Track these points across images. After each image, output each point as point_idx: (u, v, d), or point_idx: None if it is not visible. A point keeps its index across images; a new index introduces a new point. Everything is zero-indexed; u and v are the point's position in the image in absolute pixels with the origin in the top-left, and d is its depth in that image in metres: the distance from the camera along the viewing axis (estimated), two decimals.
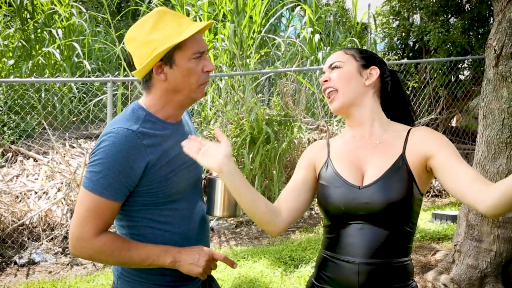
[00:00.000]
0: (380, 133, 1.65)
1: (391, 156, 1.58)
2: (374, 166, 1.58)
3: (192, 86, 1.62)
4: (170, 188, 1.63)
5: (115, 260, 1.60)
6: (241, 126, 5.90)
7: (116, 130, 1.54)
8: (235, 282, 3.99)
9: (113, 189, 1.53)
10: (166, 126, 1.65)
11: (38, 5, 8.86)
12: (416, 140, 1.58)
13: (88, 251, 1.57)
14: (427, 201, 6.70)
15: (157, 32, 1.56)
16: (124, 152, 1.52)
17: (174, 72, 1.59)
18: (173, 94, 1.63)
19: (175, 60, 1.57)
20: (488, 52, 3.43)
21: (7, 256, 4.56)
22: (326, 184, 1.62)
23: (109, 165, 1.51)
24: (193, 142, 1.55)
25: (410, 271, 1.58)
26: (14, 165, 6.20)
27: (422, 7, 7.72)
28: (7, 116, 6.79)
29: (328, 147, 1.72)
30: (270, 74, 7.29)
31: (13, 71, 8.14)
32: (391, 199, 1.51)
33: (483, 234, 3.57)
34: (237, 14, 7.45)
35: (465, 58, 7.51)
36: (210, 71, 1.65)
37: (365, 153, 1.62)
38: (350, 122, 1.70)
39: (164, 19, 1.58)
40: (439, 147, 1.53)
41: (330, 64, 1.69)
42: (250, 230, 5.53)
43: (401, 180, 1.52)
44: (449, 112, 7.91)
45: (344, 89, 1.64)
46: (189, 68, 1.59)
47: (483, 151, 3.51)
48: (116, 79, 5.41)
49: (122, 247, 1.57)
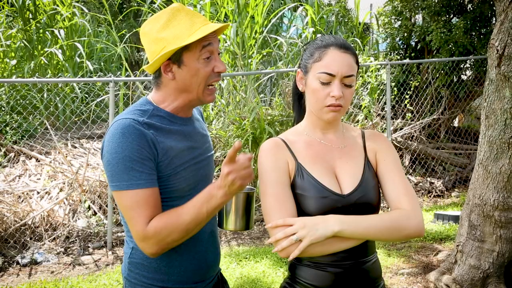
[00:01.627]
0: (341, 137, 1.66)
1: (357, 159, 1.61)
2: (347, 172, 1.58)
3: (200, 86, 1.58)
4: (179, 183, 1.58)
5: (178, 234, 1.49)
6: (243, 126, 5.90)
7: (122, 121, 1.50)
8: (237, 282, 3.99)
9: (142, 179, 1.47)
10: (174, 120, 1.62)
11: (40, 6, 8.88)
12: (371, 144, 1.65)
13: (154, 244, 1.49)
14: (429, 202, 6.69)
15: (168, 30, 1.54)
16: (135, 139, 1.48)
17: (182, 72, 1.56)
18: (182, 93, 1.61)
19: (183, 60, 1.55)
20: (491, 52, 3.42)
21: (10, 256, 4.57)
22: (307, 194, 1.52)
23: (127, 157, 1.47)
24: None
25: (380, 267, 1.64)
26: (17, 165, 6.21)
27: (424, 7, 7.72)
28: (9, 116, 6.80)
29: (288, 147, 1.61)
30: (272, 74, 7.29)
31: (16, 71, 8.16)
32: (373, 203, 1.55)
33: (486, 234, 3.56)
34: (239, 14, 7.45)
35: (467, 58, 7.50)
36: (221, 72, 1.61)
37: (333, 157, 1.61)
38: (328, 127, 1.63)
39: (177, 17, 1.55)
40: (386, 155, 1.63)
41: (347, 75, 1.54)
42: (252, 230, 5.53)
43: (374, 183, 1.58)
44: (451, 112, 7.90)
45: (347, 108, 1.60)
46: (197, 68, 1.55)
47: (486, 152, 3.50)
48: (118, 79, 5.41)
49: (172, 219, 1.48)
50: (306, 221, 1.44)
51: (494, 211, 3.47)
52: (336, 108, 1.54)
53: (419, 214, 1.51)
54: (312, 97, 1.58)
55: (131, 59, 10.30)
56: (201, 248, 1.67)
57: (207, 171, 1.72)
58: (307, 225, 1.43)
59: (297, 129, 1.69)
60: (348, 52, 1.55)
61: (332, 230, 1.42)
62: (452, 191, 7.07)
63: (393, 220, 1.47)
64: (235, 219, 1.63)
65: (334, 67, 1.52)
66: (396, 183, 1.57)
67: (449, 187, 7.15)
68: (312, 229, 1.42)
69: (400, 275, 4.11)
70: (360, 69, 7.51)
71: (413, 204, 1.51)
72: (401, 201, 1.53)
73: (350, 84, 1.55)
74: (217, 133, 6.02)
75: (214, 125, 6.29)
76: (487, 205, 3.49)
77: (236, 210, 1.62)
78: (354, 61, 1.56)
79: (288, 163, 1.57)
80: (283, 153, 1.59)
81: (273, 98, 7.13)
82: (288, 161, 1.58)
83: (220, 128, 6.17)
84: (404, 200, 1.52)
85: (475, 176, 3.62)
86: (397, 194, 1.54)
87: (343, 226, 1.43)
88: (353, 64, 1.55)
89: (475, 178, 3.62)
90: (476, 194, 3.58)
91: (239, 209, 1.62)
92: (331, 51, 1.55)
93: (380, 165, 1.62)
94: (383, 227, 1.46)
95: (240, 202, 1.62)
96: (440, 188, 7.03)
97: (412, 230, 1.48)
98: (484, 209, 3.52)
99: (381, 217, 1.48)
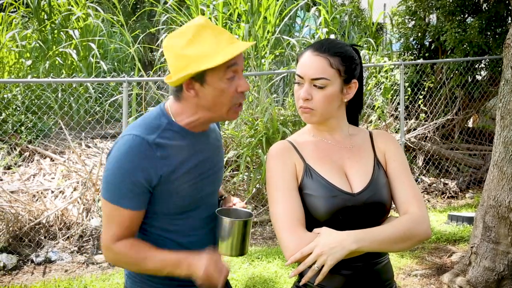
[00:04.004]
0: (349, 137, 1.65)
1: (367, 159, 1.61)
2: (357, 170, 1.58)
3: (224, 107, 1.53)
4: (183, 200, 1.59)
5: (134, 267, 1.60)
6: (255, 127, 5.90)
7: (132, 138, 1.50)
8: (249, 282, 3.99)
9: (127, 199, 1.51)
10: (187, 135, 1.58)
11: (55, 6, 8.96)
12: (380, 144, 1.65)
13: (111, 257, 1.60)
14: (443, 203, 6.64)
15: (192, 48, 1.47)
16: (136, 162, 1.49)
17: (205, 90, 1.50)
18: (203, 110, 1.55)
19: (206, 79, 1.49)
20: (506, 52, 3.39)
21: (24, 254, 4.61)
22: (316, 194, 1.52)
23: (122, 176, 1.50)
24: None
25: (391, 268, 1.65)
26: (31, 165, 6.27)
27: (439, 6, 7.65)
28: (24, 116, 6.88)
29: (297, 149, 1.61)
30: (284, 74, 7.28)
31: (31, 71, 8.24)
32: (384, 202, 1.55)
33: (500, 236, 3.53)
34: (252, 15, 7.45)
35: (482, 58, 7.42)
36: (245, 92, 1.55)
37: (342, 157, 1.60)
38: (321, 127, 1.63)
39: (202, 34, 1.48)
40: (395, 156, 1.63)
41: (314, 78, 1.53)
42: (264, 230, 5.53)
43: (385, 181, 1.58)
44: (466, 112, 7.83)
45: (324, 110, 1.56)
46: (221, 88, 1.50)
47: (501, 152, 3.47)
48: (131, 79, 5.45)
49: (138, 256, 1.55)
50: (323, 246, 1.42)
51: (509, 212, 3.43)
52: (305, 110, 1.55)
53: (427, 217, 1.54)
54: None
55: (144, 59, 10.36)
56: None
57: (215, 186, 1.71)
58: (324, 250, 1.41)
59: (304, 131, 1.69)
60: (321, 55, 1.53)
61: (349, 249, 1.42)
62: (466, 192, 7.01)
63: (405, 227, 1.48)
64: (231, 245, 1.61)
65: (302, 69, 1.56)
66: (405, 185, 1.58)
67: (463, 188, 7.09)
68: (330, 253, 1.41)
69: (414, 276, 4.08)
70: (373, 69, 7.47)
71: (421, 207, 1.53)
72: (409, 204, 1.54)
73: (321, 86, 1.52)
74: (230, 133, 6.03)
75: (227, 125, 6.30)
76: (502, 206, 3.46)
77: (232, 237, 1.60)
78: (327, 64, 1.53)
79: (296, 165, 1.57)
80: (290, 156, 1.58)
81: (286, 98, 7.12)
82: (295, 163, 1.57)
83: (233, 128, 6.18)
84: (412, 203, 1.54)
85: (490, 177, 3.58)
86: (406, 197, 1.56)
87: (360, 243, 1.43)
88: (324, 67, 1.53)
89: (489, 179, 3.59)
90: (491, 195, 3.54)
91: (235, 236, 1.60)
92: (305, 54, 1.57)
93: (389, 166, 1.62)
94: (397, 237, 1.46)
95: (236, 230, 1.59)
96: (454, 189, 6.97)
97: (422, 236, 1.51)
98: (499, 211, 3.48)
99: (394, 226, 1.49)
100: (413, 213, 1.52)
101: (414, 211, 1.52)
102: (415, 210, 1.52)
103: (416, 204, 1.53)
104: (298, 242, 1.45)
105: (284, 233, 1.48)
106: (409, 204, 1.54)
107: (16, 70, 8.37)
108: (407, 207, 1.54)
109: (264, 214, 5.75)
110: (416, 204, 1.54)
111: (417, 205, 1.53)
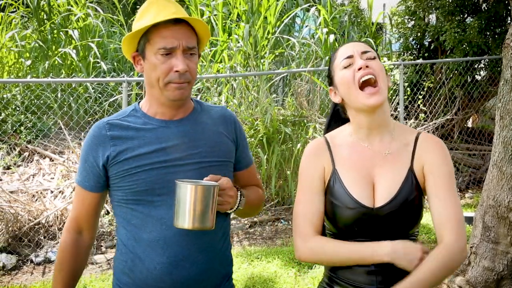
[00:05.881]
0: (389, 141, 1.55)
1: (400, 169, 1.51)
2: (385, 182, 1.50)
3: (160, 83, 1.54)
4: (137, 184, 1.55)
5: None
6: (255, 127, 5.90)
7: (97, 122, 1.63)
8: (248, 282, 3.99)
9: (83, 178, 1.61)
10: (149, 121, 1.60)
11: (54, 6, 8.95)
12: (421, 153, 1.53)
13: (63, 236, 1.71)
14: None
15: (138, 22, 1.56)
16: (89, 142, 1.60)
17: (146, 65, 1.57)
18: (149, 89, 1.61)
19: (146, 53, 1.55)
20: (506, 52, 3.38)
21: (24, 254, 4.61)
22: (336, 202, 1.51)
23: (81, 156, 1.63)
24: None
25: None
26: (31, 165, 6.27)
27: (438, 6, 7.65)
28: (24, 115, 6.87)
29: (330, 150, 1.58)
30: (284, 74, 7.28)
31: (30, 71, 8.23)
32: (406, 218, 1.49)
33: (500, 236, 3.53)
34: (252, 15, 7.45)
35: (481, 58, 7.43)
36: (181, 72, 1.51)
37: (374, 164, 1.53)
38: (370, 124, 1.54)
39: (149, 9, 1.54)
40: (437, 168, 1.50)
41: (364, 51, 1.51)
42: (263, 230, 5.53)
43: (414, 196, 1.49)
44: (465, 112, 7.83)
45: (382, 84, 1.48)
46: (154, 63, 1.52)
47: (500, 152, 3.47)
48: (131, 79, 5.45)
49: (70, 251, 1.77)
50: None
51: (508, 212, 3.43)
52: (369, 82, 1.51)
53: (464, 246, 1.42)
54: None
55: None
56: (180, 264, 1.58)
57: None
58: None
59: (345, 127, 1.64)
60: (357, 42, 1.61)
61: None
62: (465, 192, 7.01)
63: (441, 267, 1.40)
64: (191, 215, 1.42)
65: (348, 48, 1.56)
66: (442, 204, 1.45)
67: (462, 188, 7.09)
68: None
69: None
70: None
71: (458, 234, 1.42)
72: (445, 229, 1.44)
73: (372, 58, 1.53)
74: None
75: None
76: (502, 206, 3.46)
77: (192, 205, 1.42)
78: (369, 46, 1.57)
79: (325, 168, 1.57)
80: (322, 157, 1.58)
81: (286, 98, 7.12)
82: (325, 166, 1.57)
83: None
84: (448, 228, 1.43)
85: (489, 177, 3.58)
86: (441, 219, 1.45)
87: None
88: (368, 47, 1.56)
89: (489, 179, 3.59)
90: (490, 195, 3.54)
91: (191, 204, 1.42)
92: (343, 46, 1.60)
93: (428, 179, 1.50)
94: (437, 279, 1.41)
95: (192, 196, 1.42)
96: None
97: (459, 265, 1.45)
98: (499, 211, 3.48)
99: (431, 271, 1.40)
100: (448, 245, 1.41)
101: (450, 240, 1.41)
102: (451, 240, 1.41)
103: (453, 230, 1.42)
104: (304, 246, 1.52)
105: (296, 235, 1.55)
106: (445, 229, 1.43)
107: (16, 70, 8.36)
108: (442, 233, 1.43)
109: (264, 214, 5.75)
110: (453, 229, 1.42)
111: (454, 231, 1.42)
